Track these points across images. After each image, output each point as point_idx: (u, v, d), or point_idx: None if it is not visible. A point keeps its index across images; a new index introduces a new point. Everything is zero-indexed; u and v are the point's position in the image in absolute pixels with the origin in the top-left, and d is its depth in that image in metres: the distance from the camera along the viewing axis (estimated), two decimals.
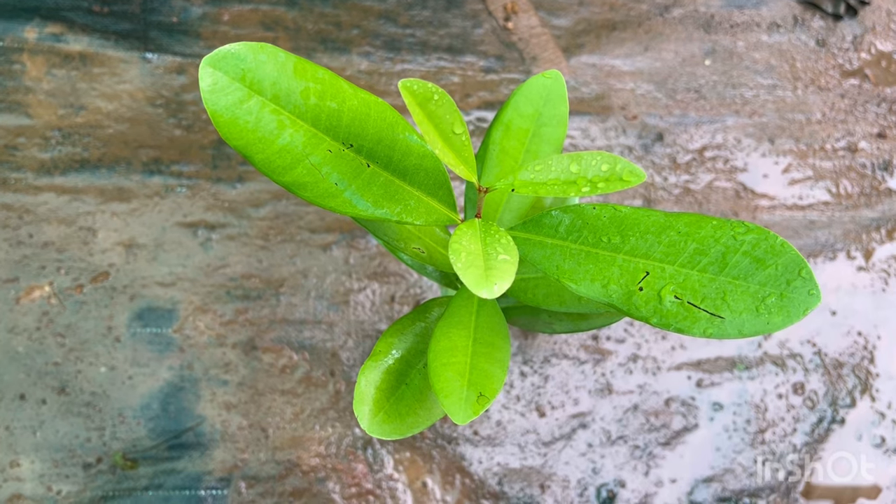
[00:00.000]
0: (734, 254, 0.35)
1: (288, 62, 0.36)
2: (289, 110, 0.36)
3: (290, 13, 0.95)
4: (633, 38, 0.98)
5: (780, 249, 0.35)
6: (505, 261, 0.33)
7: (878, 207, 0.95)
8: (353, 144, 0.37)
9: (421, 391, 0.44)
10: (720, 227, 0.36)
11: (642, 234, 0.37)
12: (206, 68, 0.35)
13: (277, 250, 0.89)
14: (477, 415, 0.38)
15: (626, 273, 0.37)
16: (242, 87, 0.35)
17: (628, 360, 0.90)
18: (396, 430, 0.43)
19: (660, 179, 0.94)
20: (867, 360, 0.91)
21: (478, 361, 0.40)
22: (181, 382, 0.86)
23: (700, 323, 0.35)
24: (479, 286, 0.32)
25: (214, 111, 0.34)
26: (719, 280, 0.35)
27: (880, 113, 0.98)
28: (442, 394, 0.39)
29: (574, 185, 0.35)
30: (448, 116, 0.35)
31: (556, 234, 0.39)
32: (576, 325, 0.51)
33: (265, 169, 0.36)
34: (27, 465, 0.83)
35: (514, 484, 0.87)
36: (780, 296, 0.34)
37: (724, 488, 0.88)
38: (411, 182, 0.39)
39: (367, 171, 0.38)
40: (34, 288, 0.86)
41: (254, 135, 0.35)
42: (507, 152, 0.47)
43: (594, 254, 0.37)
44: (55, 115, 0.90)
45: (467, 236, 0.35)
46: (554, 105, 0.46)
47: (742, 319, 0.35)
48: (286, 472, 0.85)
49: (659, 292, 0.36)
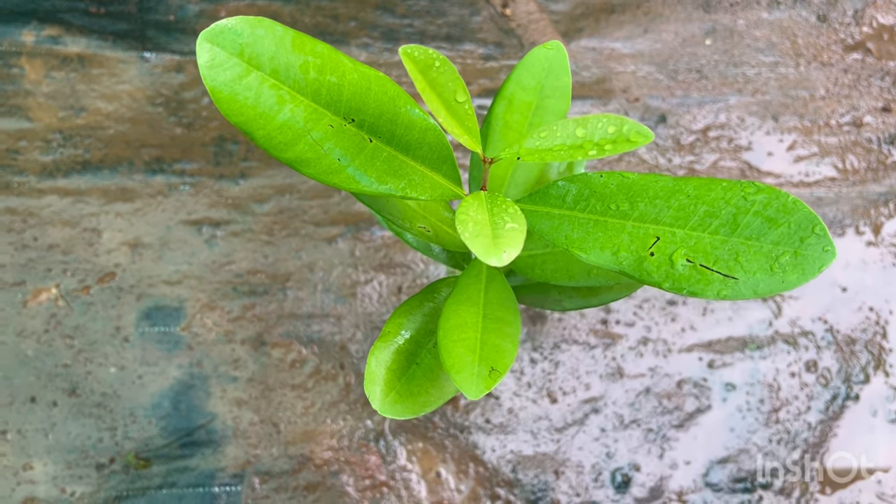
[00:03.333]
0: (745, 214, 0.35)
1: (286, 36, 0.35)
2: (288, 85, 0.35)
3: (287, 7, 0.95)
4: (632, 20, 0.98)
5: (791, 207, 0.34)
6: (513, 229, 0.33)
7: (885, 182, 0.94)
8: (354, 119, 0.37)
9: (432, 370, 0.44)
10: (730, 188, 0.35)
11: (651, 199, 0.36)
12: (203, 44, 0.34)
13: (283, 245, 0.89)
14: (490, 389, 0.38)
15: (636, 239, 0.36)
16: (241, 62, 0.34)
17: (638, 343, 0.89)
18: (409, 410, 0.43)
19: (664, 161, 0.93)
20: (880, 335, 0.91)
21: (488, 337, 0.40)
22: (191, 380, 0.85)
23: (713, 285, 0.35)
24: (489, 254, 0.32)
25: (213, 87, 0.34)
26: (731, 241, 0.35)
27: (884, 87, 0.97)
28: (453, 370, 0.38)
29: (581, 149, 0.35)
30: (450, 84, 0.35)
31: (563, 205, 0.38)
32: (586, 300, 0.50)
33: (266, 145, 0.36)
34: (40, 467, 0.83)
35: (528, 471, 0.86)
36: (795, 254, 0.34)
37: (739, 469, 0.87)
38: (414, 157, 0.39)
39: (369, 146, 0.37)
40: (41, 290, 0.86)
41: (254, 111, 0.35)
42: (511, 126, 0.46)
43: (603, 222, 0.37)
44: (56, 117, 0.90)
45: (474, 207, 0.35)
46: (557, 76, 0.46)
47: (756, 279, 0.34)
48: (299, 467, 0.85)
49: (670, 256, 0.35)
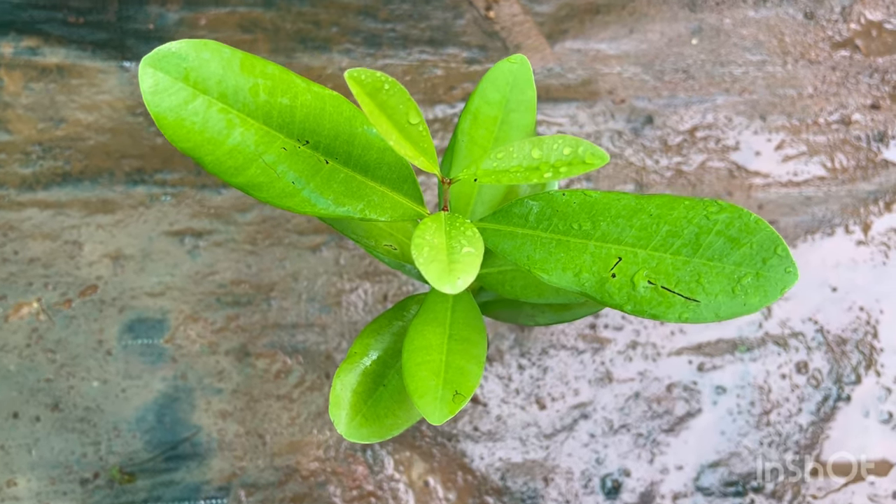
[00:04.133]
0: (708, 234, 0.34)
1: (234, 58, 0.34)
2: (237, 108, 0.35)
3: (268, 14, 0.94)
4: (617, 20, 0.97)
5: (754, 227, 0.33)
6: (469, 253, 0.32)
7: (874, 180, 0.93)
8: (308, 141, 0.36)
9: (399, 392, 0.43)
10: (692, 207, 0.35)
11: (613, 218, 0.35)
12: (146, 69, 0.33)
13: (266, 254, 0.88)
14: (453, 414, 0.37)
15: (598, 260, 0.35)
16: (186, 87, 0.34)
17: (627, 347, 0.88)
18: (375, 434, 0.42)
19: (651, 162, 0.92)
20: (871, 335, 0.90)
21: (453, 359, 0.39)
22: (175, 393, 0.85)
23: (675, 308, 0.34)
24: (442, 281, 0.31)
25: (158, 113, 0.33)
26: (693, 262, 0.34)
27: (873, 84, 0.96)
28: (416, 394, 0.38)
29: (537, 171, 0.34)
30: (402, 106, 0.34)
31: (526, 224, 0.37)
32: (559, 315, 0.49)
33: (216, 170, 0.35)
34: (24, 483, 0.82)
35: (518, 478, 0.85)
36: (756, 275, 0.33)
37: (730, 472, 0.86)
38: (373, 177, 0.38)
39: (325, 167, 0.37)
40: (22, 305, 0.86)
41: (201, 136, 0.34)
42: (476, 141, 0.45)
43: (565, 241, 0.36)
44: (35, 129, 0.89)
45: (431, 230, 0.34)
46: (521, 90, 0.45)
47: (718, 302, 0.33)
48: (286, 478, 0.84)
49: (632, 278, 0.34)
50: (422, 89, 0.93)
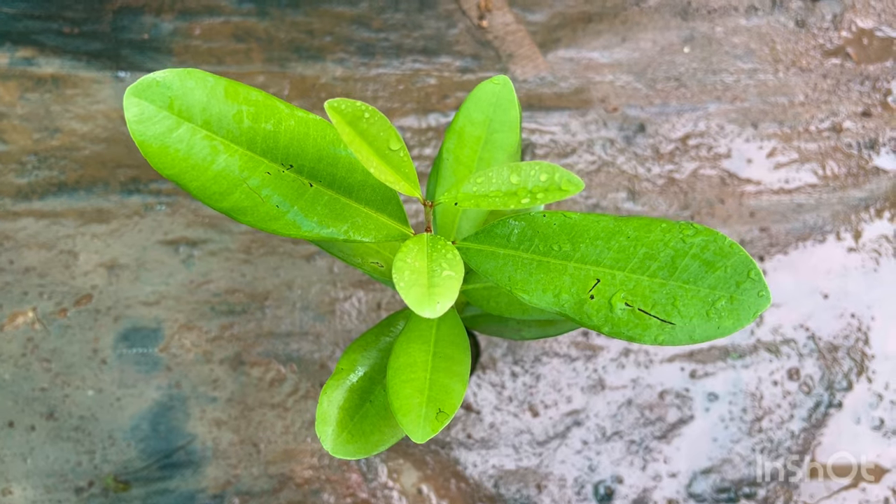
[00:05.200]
0: (683, 257, 0.34)
1: (218, 86, 0.35)
2: (222, 135, 0.35)
3: (262, 23, 0.95)
4: (609, 29, 0.97)
5: (728, 251, 0.34)
6: (449, 277, 0.33)
7: (865, 187, 0.94)
8: (293, 165, 0.37)
9: (385, 408, 0.44)
10: (669, 230, 0.35)
11: (592, 240, 0.36)
12: (130, 98, 0.34)
13: (260, 263, 0.89)
14: (436, 432, 0.38)
15: (577, 281, 0.36)
16: (170, 115, 0.34)
17: (620, 354, 0.89)
18: (361, 450, 0.43)
19: (643, 170, 0.93)
20: (862, 341, 0.90)
21: (437, 377, 0.40)
22: (170, 401, 0.85)
23: (651, 330, 0.34)
24: (422, 306, 0.31)
25: (142, 141, 0.34)
26: (669, 285, 0.35)
27: (864, 91, 0.96)
28: (400, 412, 0.38)
29: (515, 197, 0.34)
30: (382, 133, 0.34)
31: (507, 244, 0.38)
32: (544, 330, 0.50)
33: (201, 196, 0.35)
34: (19, 492, 0.83)
35: (511, 485, 0.86)
36: (731, 299, 0.34)
37: (723, 479, 0.87)
38: (357, 199, 0.38)
39: (309, 190, 0.37)
40: (17, 314, 0.86)
41: (186, 163, 0.34)
42: (461, 161, 0.46)
43: (545, 263, 0.37)
44: (30, 139, 0.90)
45: (413, 253, 0.35)
46: (504, 110, 0.46)
47: (693, 325, 0.34)
48: (280, 486, 0.84)
49: (610, 300, 0.35)
50: (415, 98, 0.93)
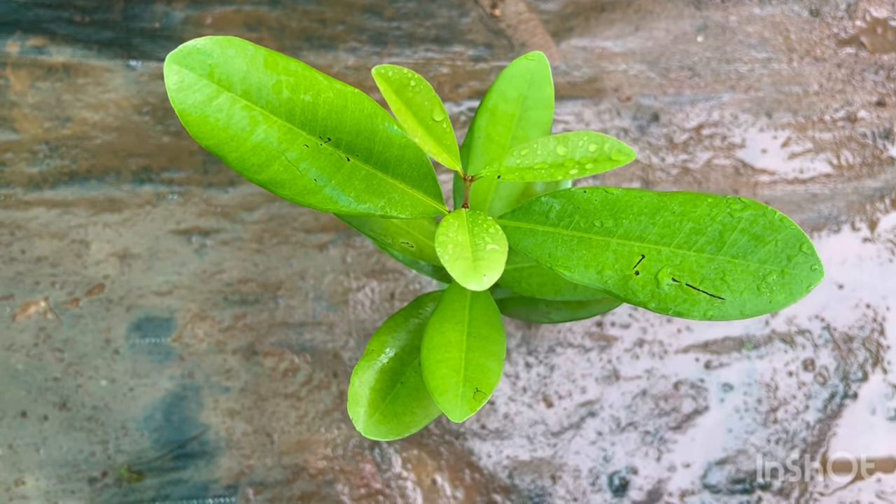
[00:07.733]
0: (732, 231, 0.34)
1: (258, 55, 0.34)
2: (261, 105, 0.34)
3: (274, 12, 0.94)
4: (622, 18, 0.97)
5: (779, 225, 0.33)
6: (494, 250, 0.32)
7: (880, 177, 0.93)
8: (330, 138, 0.36)
9: (417, 389, 0.43)
10: (716, 204, 0.34)
11: (636, 216, 0.35)
12: (171, 65, 0.33)
13: (273, 253, 0.88)
14: (474, 411, 0.37)
15: (621, 257, 0.35)
16: (211, 84, 0.33)
17: (634, 345, 0.88)
18: (393, 431, 0.42)
19: (657, 160, 0.92)
20: (877, 332, 0.90)
21: (473, 356, 0.39)
22: (183, 391, 0.85)
23: (700, 305, 0.34)
24: (468, 278, 0.31)
25: (182, 110, 0.33)
26: (718, 259, 0.34)
27: (878, 81, 0.96)
28: (437, 392, 0.38)
29: (562, 168, 0.34)
30: (427, 103, 0.34)
31: (546, 221, 0.37)
32: (573, 313, 0.49)
33: (240, 167, 0.35)
34: (32, 482, 0.82)
35: (525, 476, 0.85)
36: (782, 273, 0.33)
37: (738, 469, 0.86)
38: (394, 174, 0.38)
39: (347, 165, 0.36)
40: (30, 304, 0.85)
41: (225, 133, 0.34)
42: (493, 139, 0.45)
43: (587, 239, 0.36)
44: (41, 128, 0.89)
45: (454, 227, 0.34)
46: (539, 87, 0.45)
47: (743, 299, 0.33)
48: (293, 477, 0.84)
49: (656, 275, 0.34)
50: None
